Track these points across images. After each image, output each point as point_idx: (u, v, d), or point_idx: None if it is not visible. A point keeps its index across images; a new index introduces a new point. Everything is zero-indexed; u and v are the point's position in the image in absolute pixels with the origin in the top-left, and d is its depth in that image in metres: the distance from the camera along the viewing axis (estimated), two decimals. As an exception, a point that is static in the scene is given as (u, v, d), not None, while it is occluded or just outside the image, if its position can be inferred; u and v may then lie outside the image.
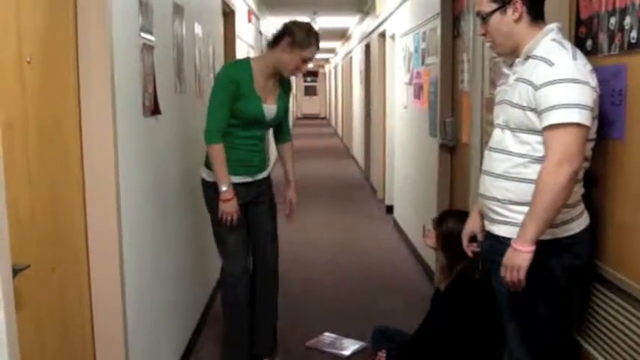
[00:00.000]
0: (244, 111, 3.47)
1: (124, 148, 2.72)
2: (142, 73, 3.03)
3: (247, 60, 3.62)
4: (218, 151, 3.41)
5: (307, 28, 3.58)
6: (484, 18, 2.41)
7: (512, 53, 2.41)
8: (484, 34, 2.48)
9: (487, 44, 2.59)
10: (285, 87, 3.72)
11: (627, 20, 2.20)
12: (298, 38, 3.49)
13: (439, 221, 3.27)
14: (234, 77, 3.45)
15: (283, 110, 3.72)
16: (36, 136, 2.15)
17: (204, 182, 3.61)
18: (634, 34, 2.16)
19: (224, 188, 3.42)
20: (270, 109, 3.59)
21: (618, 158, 2.31)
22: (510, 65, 2.43)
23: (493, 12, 2.37)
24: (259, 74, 3.53)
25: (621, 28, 2.25)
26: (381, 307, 4.88)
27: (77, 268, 2.54)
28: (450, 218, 3.26)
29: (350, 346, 4.11)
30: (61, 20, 2.40)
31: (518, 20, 2.35)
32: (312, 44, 3.53)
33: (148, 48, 3.11)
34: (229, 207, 3.45)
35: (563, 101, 2.15)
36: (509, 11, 2.35)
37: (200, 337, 4.26)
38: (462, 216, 3.29)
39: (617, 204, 2.34)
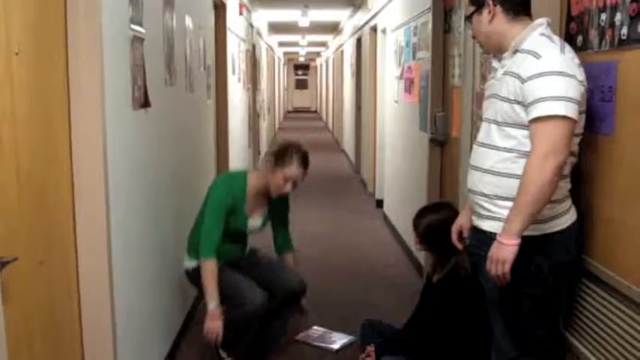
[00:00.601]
0: (228, 224, 3.49)
1: (113, 140, 2.70)
2: (132, 66, 3.02)
3: (244, 176, 3.62)
4: (212, 266, 3.39)
5: (291, 146, 3.59)
6: (468, 20, 2.49)
7: (499, 50, 2.43)
8: (473, 36, 2.57)
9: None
10: (278, 200, 3.71)
11: (618, 17, 2.20)
12: (279, 157, 3.52)
13: (416, 223, 3.26)
14: (232, 197, 3.48)
15: (275, 219, 3.81)
16: (24, 128, 2.14)
17: (190, 272, 3.59)
18: (624, 30, 2.17)
19: (211, 306, 3.39)
20: (253, 223, 3.67)
21: (607, 154, 2.32)
22: (500, 60, 2.44)
23: (472, 14, 2.45)
24: (253, 191, 3.57)
25: (612, 25, 2.25)
26: (371, 301, 4.89)
27: (65, 262, 2.53)
28: (425, 214, 3.25)
29: (339, 340, 4.12)
30: (50, 11, 2.39)
31: (491, 20, 2.39)
32: (292, 162, 3.50)
33: (137, 40, 3.09)
34: (214, 325, 3.39)
35: (550, 94, 2.16)
36: (485, 12, 2.40)
37: (189, 326, 4.25)
38: (437, 208, 3.30)
39: (605, 199, 2.35)
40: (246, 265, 3.72)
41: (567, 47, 2.28)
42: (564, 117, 2.16)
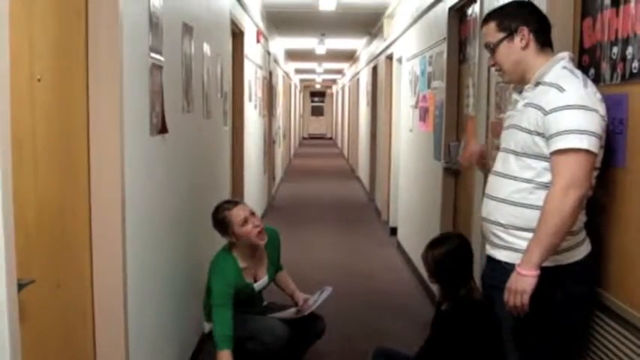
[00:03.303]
0: (238, 296, 3.54)
1: (131, 165, 2.74)
2: (150, 92, 3.07)
3: (228, 254, 3.63)
4: (227, 356, 3.41)
5: (217, 209, 3.65)
6: (492, 49, 2.46)
7: (520, 80, 2.44)
8: (493, 65, 2.52)
9: (496, 73, 2.63)
10: (271, 244, 3.74)
11: (629, 50, 2.23)
12: (220, 222, 3.58)
13: (425, 257, 3.25)
14: (228, 290, 3.49)
15: (274, 273, 3.84)
16: (44, 152, 2.18)
17: (210, 335, 3.61)
18: (635, 63, 2.19)
19: None
20: (261, 283, 3.73)
21: (620, 186, 2.32)
22: (520, 92, 2.46)
23: (501, 41, 2.42)
24: (243, 260, 3.61)
25: (623, 58, 2.27)
26: (382, 328, 4.88)
27: (81, 286, 2.55)
28: (433, 248, 3.22)
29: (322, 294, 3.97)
30: (72, 39, 2.44)
31: (525, 47, 2.39)
32: (230, 210, 3.56)
33: (157, 68, 3.15)
34: None
35: (572, 127, 2.17)
36: (517, 39, 2.40)
37: (203, 347, 4.25)
38: (444, 240, 3.28)
39: (619, 231, 2.35)
40: (266, 312, 3.78)
41: (589, 82, 2.29)
42: (586, 150, 2.17)
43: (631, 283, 2.25)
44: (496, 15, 2.48)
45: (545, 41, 2.42)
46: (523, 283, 2.23)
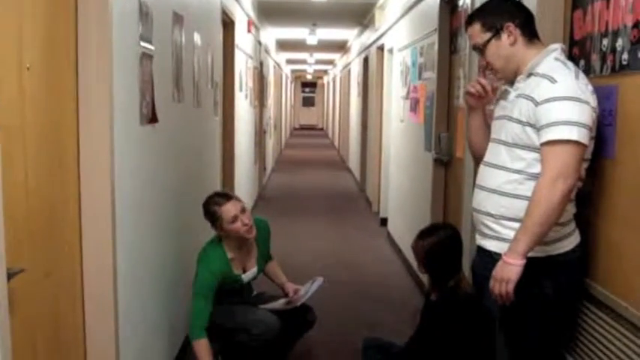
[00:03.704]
0: (223, 287, 3.55)
1: (121, 155, 2.74)
2: (141, 82, 3.06)
3: (218, 244, 3.62)
4: (202, 347, 3.43)
5: (208, 200, 3.62)
6: (481, 49, 2.46)
7: (514, 76, 2.44)
8: (485, 66, 2.52)
9: (490, 74, 2.61)
10: (261, 235, 3.75)
11: (619, 42, 2.24)
12: (210, 214, 3.56)
13: (414, 248, 3.25)
14: (212, 281, 3.49)
15: (264, 264, 3.84)
16: (34, 142, 2.17)
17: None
18: (625, 55, 2.20)
19: None
20: (249, 275, 3.73)
21: (609, 177, 2.34)
22: (511, 82, 2.46)
23: (488, 41, 2.42)
24: (232, 250, 3.60)
25: (613, 50, 2.28)
26: (373, 319, 4.90)
27: (71, 274, 2.55)
28: (422, 239, 3.21)
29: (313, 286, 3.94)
30: (62, 28, 2.43)
31: (514, 43, 2.40)
32: (221, 205, 3.53)
33: (147, 57, 3.14)
34: None
35: (563, 118, 2.18)
36: (504, 36, 2.40)
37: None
38: (433, 230, 3.28)
39: (607, 222, 2.37)
40: (255, 302, 3.78)
41: (581, 73, 2.30)
42: (576, 142, 2.18)
43: (618, 273, 2.27)
44: (479, 15, 2.47)
45: (532, 33, 2.42)
46: (509, 271, 2.25)
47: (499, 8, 2.45)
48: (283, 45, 16.40)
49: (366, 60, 10.99)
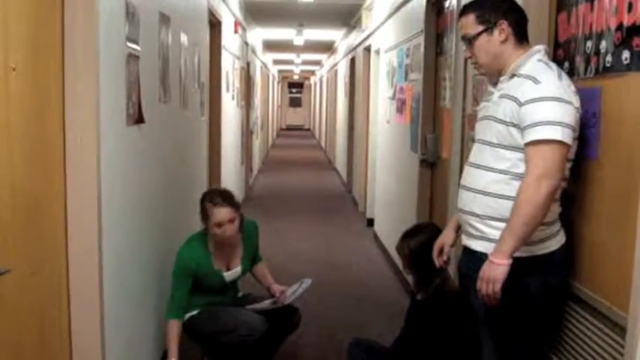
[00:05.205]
0: (202, 283, 3.56)
1: (107, 155, 2.73)
2: (127, 82, 3.05)
3: (203, 236, 3.62)
4: (172, 327, 3.48)
5: (205, 196, 3.61)
6: (470, 41, 2.47)
7: (496, 73, 2.45)
8: (470, 57, 2.53)
9: (472, 65, 2.63)
10: (249, 236, 3.75)
11: (603, 44, 2.26)
12: (202, 212, 3.56)
13: (399, 249, 3.28)
14: (189, 264, 3.51)
15: (249, 265, 3.82)
16: (19, 142, 2.17)
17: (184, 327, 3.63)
18: (609, 57, 2.22)
19: None
20: (232, 273, 3.70)
21: (591, 178, 2.36)
22: (495, 84, 2.48)
23: (480, 34, 2.43)
24: (215, 245, 3.60)
25: (597, 52, 2.30)
26: (359, 319, 4.91)
27: (57, 274, 2.55)
28: (407, 239, 3.24)
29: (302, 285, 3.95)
30: (48, 28, 2.42)
31: (504, 41, 2.41)
32: (213, 208, 3.49)
33: (133, 57, 3.13)
34: None
35: (546, 118, 2.20)
36: (496, 32, 2.41)
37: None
38: (417, 230, 3.30)
39: (590, 222, 2.38)
40: (241, 303, 3.78)
41: (564, 75, 2.32)
42: (559, 142, 2.20)
43: (602, 274, 2.29)
44: (476, 6, 2.47)
45: (523, 34, 2.44)
46: (495, 271, 2.26)
47: (497, 4, 2.44)
48: (270, 45, 16.39)
49: (352, 61, 11.01)
